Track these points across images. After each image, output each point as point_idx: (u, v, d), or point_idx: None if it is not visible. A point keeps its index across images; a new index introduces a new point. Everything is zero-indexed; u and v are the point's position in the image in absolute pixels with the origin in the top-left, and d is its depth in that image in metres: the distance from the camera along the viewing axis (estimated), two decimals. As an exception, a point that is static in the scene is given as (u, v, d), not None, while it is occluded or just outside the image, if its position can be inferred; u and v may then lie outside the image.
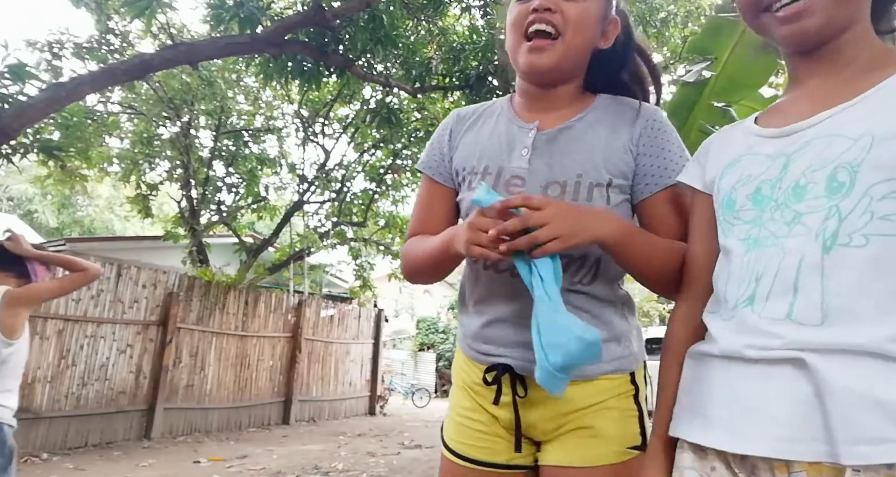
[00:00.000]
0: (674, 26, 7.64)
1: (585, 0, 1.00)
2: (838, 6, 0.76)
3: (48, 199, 19.62)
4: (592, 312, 1.02)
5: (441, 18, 6.94)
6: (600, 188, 0.99)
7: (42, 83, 4.84)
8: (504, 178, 1.03)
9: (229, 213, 9.66)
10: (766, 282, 0.73)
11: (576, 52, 1.01)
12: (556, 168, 1.01)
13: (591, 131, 1.03)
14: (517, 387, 1.01)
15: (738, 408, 0.73)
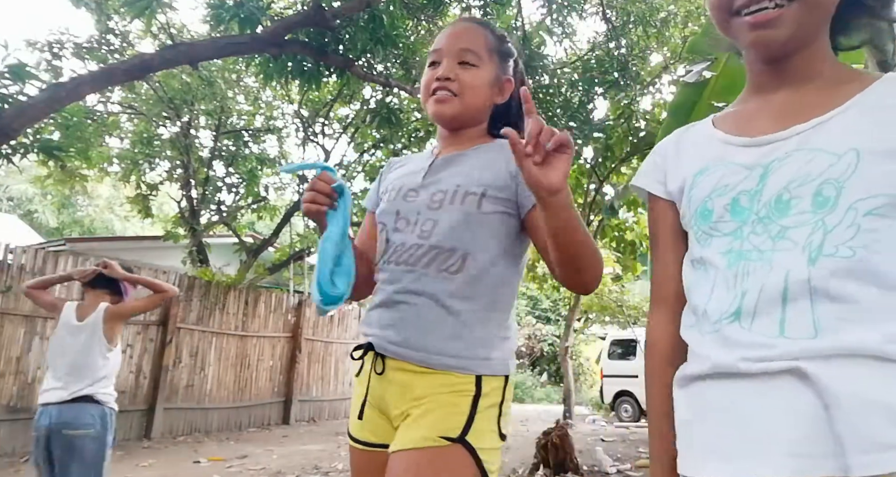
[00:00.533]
0: (674, 26, 7.64)
1: (478, 68, 1.25)
2: (807, 20, 0.76)
3: (48, 199, 19.63)
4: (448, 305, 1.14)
5: (441, 18, 6.94)
6: (473, 196, 1.18)
7: (42, 83, 4.84)
8: (403, 191, 1.26)
9: (229, 213, 9.66)
10: (751, 296, 0.72)
11: (471, 107, 1.26)
12: (442, 181, 1.23)
13: (475, 156, 1.26)
14: (376, 364, 1.18)
15: (742, 433, 0.69)
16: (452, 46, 1.25)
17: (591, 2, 7.48)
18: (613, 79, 7.16)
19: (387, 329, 1.18)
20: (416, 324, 1.15)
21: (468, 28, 1.30)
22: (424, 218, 1.19)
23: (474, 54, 1.25)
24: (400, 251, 1.20)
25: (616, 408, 11.90)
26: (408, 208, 1.22)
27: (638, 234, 10.20)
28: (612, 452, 6.11)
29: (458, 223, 1.16)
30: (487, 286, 1.17)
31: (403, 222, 1.22)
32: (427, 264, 1.16)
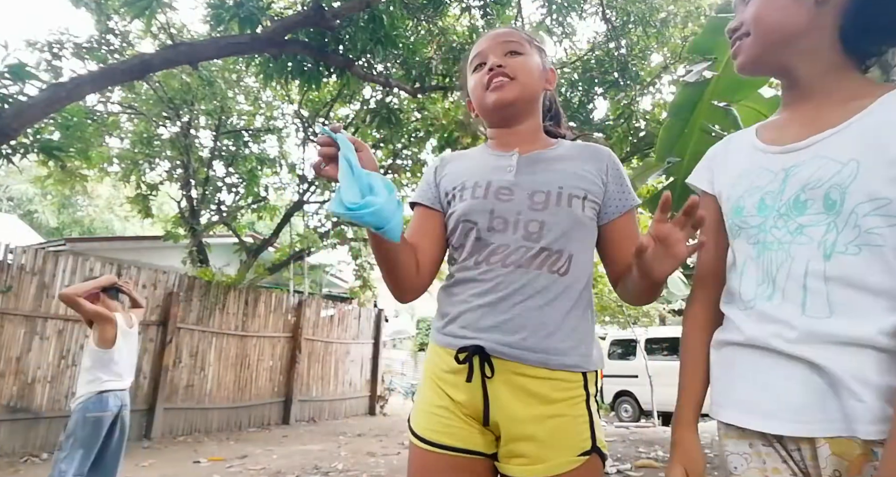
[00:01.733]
0: (674, 26, 7.63)
1: (525, 55, 1.27)
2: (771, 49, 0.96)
3: (48, 199, 19.62)
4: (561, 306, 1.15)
5: (441, 18, 6.94)
6: (578, 199, 1.18)
7: (42, 83, 4.84)
8: (492, 189, 1.20)
9: (229, 213, 9.65)
10: (779, 281, 0.89)
11: (528, 88, 1.26)
12: (540, 180, 1.20)
13: (564, 159, 1.24)
14: (485, 368, 1.12)
15: (768, 395, 0.88)
16: (494, 43, 1.27)
17: (591, 2, 7.48)
18: (613, 79, 7.16)
19: (497, 332, 1.12)
20: (534, 325, 1.12)
21: (503, 29, 1.33)
22: (527, 218, 1.16)
23: (517, 43, 1.27)
24: (505, 252, 1.15)
25: (616, 408, 11.90)
26: (504, 208, 1.17)
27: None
28: (612, 452, 6.10)
29: (567, 225, 1.16)
30: (587, 286, 1.21)
31: (501, 222, 1.17)
32: (540, 265, 1.14)
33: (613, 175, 1.24)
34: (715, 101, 3.82)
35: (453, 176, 1.28)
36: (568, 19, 7.25)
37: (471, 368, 1.12)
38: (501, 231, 1.16)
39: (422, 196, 1.31)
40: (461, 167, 1.29)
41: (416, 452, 1.18)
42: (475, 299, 1.16)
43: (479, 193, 1.20)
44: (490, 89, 1.23)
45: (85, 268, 6.60)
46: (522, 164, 1.23)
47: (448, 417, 1.15)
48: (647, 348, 11.33)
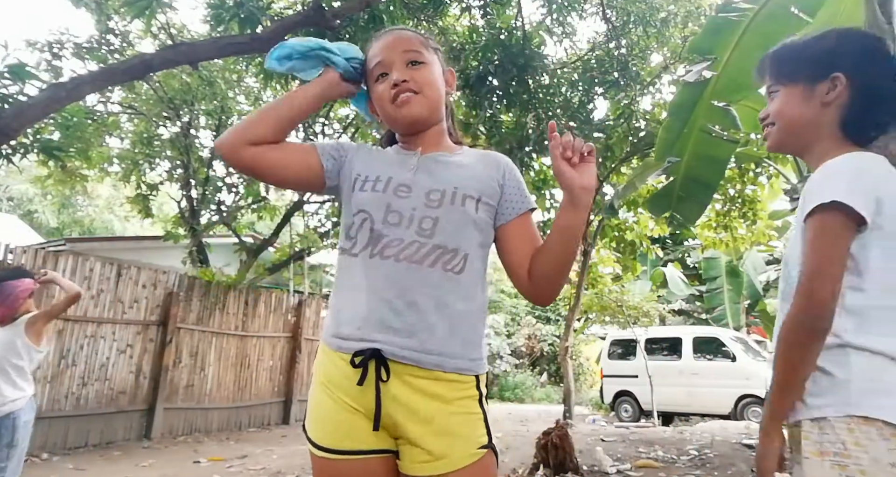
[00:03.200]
0: (674, 26, 7.63)
1: (426, 64, 1.28)
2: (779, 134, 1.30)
3: (48, 199, 19.62)
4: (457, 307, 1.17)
5: (441, 18, 6.94)
6: (472, 200, 1.21)
7: (42, 83, 4.84)
8: (392, 184, 1.23)
9: (229, 213, 9.65)
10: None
11: (434, 101, 1.28)
12: (437, 180, 1.23)
13: (463, 162, 1.29)
14: (381, 372, 1.12)
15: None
16: (395, 52, 1.27)
17: (591, 2, 7.47)
18: (613, 79, 7.15)
19: (394, 334, 1.12)
20: (429, 326, 1.13)
21: (399, 34, 1.32)
22: (422, 215, 1.18)
23: (417, 53, 1.28)
24: (398, 246, 1.16)
25: (616, 408, 11.90)
26: (401, 204, 1.19)
27: (638, 234, 10.20)
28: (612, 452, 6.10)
29: (459, 224, 1.19)
30: (482, 289, 1.24)
31: (396, 216, 1.18)
32: (433, 263, 1.16)
33: (510, 178, 1.29)
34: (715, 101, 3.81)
35: (362, 164, 1.29)
36: (568, 19, 7.24)
37: (364, 372, 1.11)
38: (396, 225, 1.18)
39: (322, 145, 1.31)
40: (371, 159, 1.31)
41: (321, 463, 1.16)
42: (369, 295, 1.15)
43: (380, 187, 1.23)
44: (396, 105, 1.25)
45: (85, 268, 6.60)
46: (423, 163, 1.26)
47: (347, 421, 1.14)
48: (647, 348, 11.33)
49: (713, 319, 13.74)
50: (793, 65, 1.27)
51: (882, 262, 1.07)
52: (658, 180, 5.82)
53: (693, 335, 11.28)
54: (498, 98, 6.55)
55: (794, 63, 1.27)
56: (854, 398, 1.03)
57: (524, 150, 6.74)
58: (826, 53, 1.24)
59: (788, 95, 1.26)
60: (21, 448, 2.94)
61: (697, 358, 10.93)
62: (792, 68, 1.27)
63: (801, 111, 1.24)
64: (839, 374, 1.06)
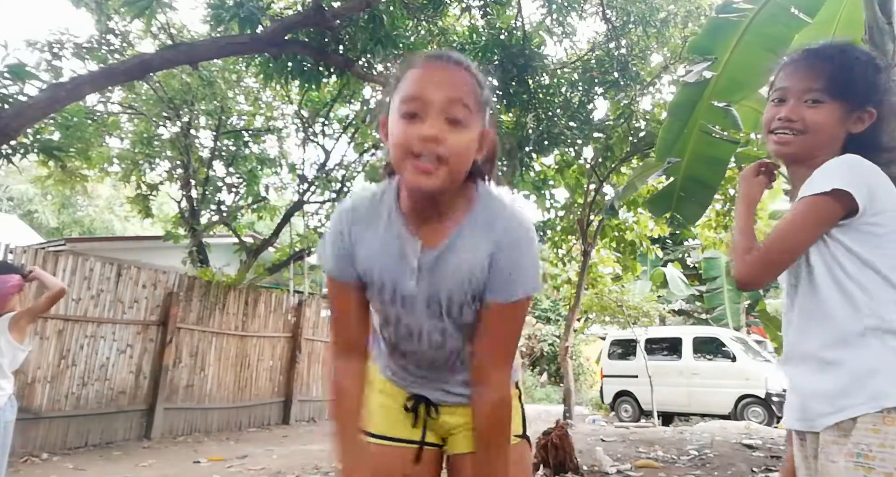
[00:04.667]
0: (674, 26, 7.63)
1: (467, 129, 1.07)
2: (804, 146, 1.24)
3: (48, 199, 19.62)
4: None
5: (441, 18, 6.94)
6: (467, 305, 1.17)
7: (42, 83, 4.84)
8: (398, 295, 1.18)
9: (229, 213, 9.65)
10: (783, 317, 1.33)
11: (458, 176, 1.09)
12: (434, 288, 1.16)
13: (461, 254, 1.14)
14: (431, 410, 1.30)
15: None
16: (438, 97, 1.05)
17: (591, 2, 7.47)
18: (613, 79, 7.15)
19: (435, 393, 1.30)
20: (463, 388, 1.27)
21: (455, 74, 1.09)
22: (429, 329, 1.20)
23: (465, 108, 1.06)
24: (416, 357, 1.26)
25: (616, 408, 11.90)
26: (409, 319, 1.20)
27: (638, 234, 10.20)
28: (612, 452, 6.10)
29: (465, 329, 1.21)
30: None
31: (406, 331, 1.22)
32: (453, 362, 1.25)
33: (502, 258, 1.13)
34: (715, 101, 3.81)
35: (364, 251, 1.18)
36: (568, 19, 7.24)
37: (416, 416, 1.30)
38: (408, 339, 1.22)
39: (336, 270, 1.20)
40: (370, 239, 1.17)
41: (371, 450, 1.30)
42: (406, 376, 1.31)
43: (387, 297, 1.18)
44: (415, 166, 1.05)
45: (85, 268, 6.60)
46: (424, 265, 1.15)
47: (388, 413, 1.31)
48: (647, 348, 11.33)
49: (713, 319, 13.73)
50: (852, 83, 1.21)
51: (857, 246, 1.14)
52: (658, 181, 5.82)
53: (693, 335, 11.28)
54: (498, 98, 6.55)
55: (853, 82, 1.21)
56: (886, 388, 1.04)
57: (524, 151, 6.74)
58: (874, 84, 1.22)
59: (833, 112, 1.21)
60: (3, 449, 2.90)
61: (697, 358, 10.93)
62: (849, 86, 1.21)
63: (834, 132, 1.22)
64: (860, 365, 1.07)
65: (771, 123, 1.26)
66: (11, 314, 3.03)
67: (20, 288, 3.07)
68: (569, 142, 7.33)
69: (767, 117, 1.28)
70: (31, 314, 3.13)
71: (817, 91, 1.21)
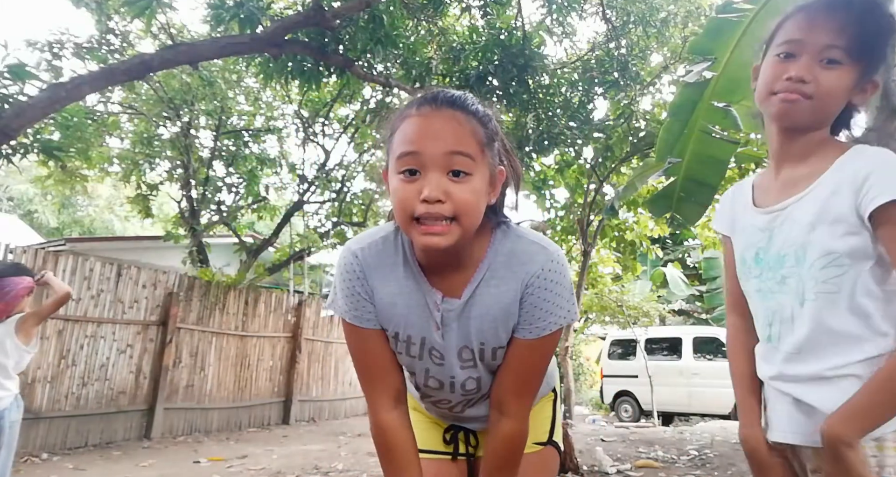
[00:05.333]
0: (674, 26, 7.62)
1: (473, 176, 0.99)
2: (813, 114, 1.04)
3: (48, 199, 19.61)
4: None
5: (441, 18, 6.93)
6: (501, 349, 1.13)
7: (42, 83, 4.85)
8: (426, 350, 1.14)
9: (229, 213, 9.65)
10: (776, 326, 1.08)
11: (470, 230, 1.02)
12: (464, 336, 1.12)
13: (487, 298, 1.08)
14: (470, 439, 1.33)
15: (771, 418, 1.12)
16: (436, 151, 0.97)
17: (591, 2, 7.47)
18: (613, 79, 7.15)
19: (469, 422, 1.31)
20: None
21: (451, 121, 0.99)
22: (462, 379, 1.17)
23: (467, 158, 0.98)
24: (448, 404, 1.25)
25: (616, 408, 11.90)
26: (438, 371, 1.17)
27: (638, 234, 10.20)
28: (612, 452, 6.10)
29: (495, 372, 1.18)
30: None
31: (436, 383, 1.19)
32: (482, 400, 1.24)
33: (531, 301, 1.07)
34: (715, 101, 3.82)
35: (385, 305, 1.11)
36: (568, 19, 7.25)
37: (455, 447, 1.32)
38: (438, 389, 1.21)
39: (357, 318, 1.12)
40: (388, 293, 1.11)
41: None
42: (442, 413, 1.32)
43: (415, 351, 1.14)
44: (421, 231, 0.97)
45: (85, 268, 6.60)
46: (448, 318, 1.10)
47: (425, 427, 1.33)
48: (647, 348, 11.33)
49: (713, 319, 13.69)
50: (877, 45, 1.02)
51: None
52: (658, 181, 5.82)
53: (693, 335, 11.29)
54: (498, 98, 6.55)
55: (879, 44, 1.02)
56: None
57: (524, 150, 6.74)
58: (891, 50, 1.05)
59: (849, 76, 1.02)
60: (9, 449, 2.92)
61: (697, 358, 10.93)
62: (874, 48, 1.02)
63: (843, 102, 1.05)
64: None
65: (775, 83, 1.04)
66: (19, 316, 3.04)
67: (30, 291, 3.08)
68: (569, 142, 7.33)
69: (770, 75, 1.05)
70: (38, 317, 3.13)
71: (838, 49, 1.00)
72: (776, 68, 1.05)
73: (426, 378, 1.18)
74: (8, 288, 2.97)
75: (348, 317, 1.12)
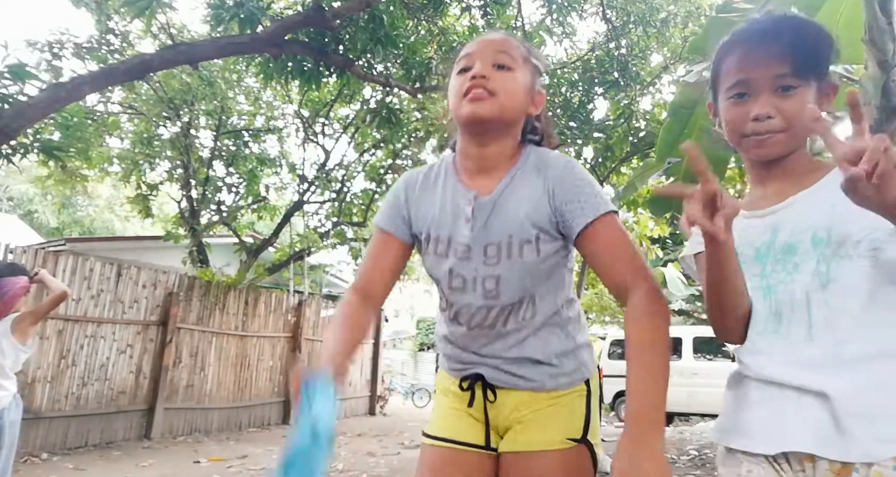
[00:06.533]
0: (674, 26, 7.63)
1: (514, 71, 1.18)
2: (790, 142, 1.04)
3: (48, 199, 19.62)
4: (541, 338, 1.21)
5: (441, 18, 6.94)
6: (529, 244, 1.15)
7: (42, 83, 4.84)
8: (453, 246, 1.21)
9: (229, 213, 9.65)
10: (786, 318, 0.99)
11: (508, 109, 1.16)
12: (492, 232, 1.17)
13: (517, 193, 1.18)
14: (487, 392, 1.23)
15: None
16: (485, 49, 1.19)
17: (591, 2, 7.48)
18: (613, 79, 7.16)
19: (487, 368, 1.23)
20: (515, 364, 1.21)
21: (500, 35, 1.24)
22: (483, 275, 1.17)
23: (509, 56, 1.18)
24: (468, 313, 1.21)
25: (616, 408, 11.90)
26: (462, 266, 1.19)
27: (638, 234, 10.20)
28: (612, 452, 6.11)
29: (521, 276, 1.16)
30: (564, 307, 1.24)
31: (460, 281, 1.20)
32: (504, 321, 1.19)
33: (561, 193, 1.14)
34: (715, 101, 3.77)
35: (421, 212, 1.25)
36: (568, 19, 7.25)
37: (472, 395, 1.24)
38: (461, 290, 1.20)
39: (385, 221, 1.29)
40: (427, 202, 1.25)
41: (426, 450, 1.27)
42: (459, 350, 1.27)
43: (441, 249, 1.22)
44: (468, 99, 1.14)
45: (85, 268, 6.60)
46: (479, 212, 1.18)
47: (455, 415, 1.25)
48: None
49: (713, 319, 13.74)
50: (818, 56, 1.03)
51: None
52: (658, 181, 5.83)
53: (693, 335, 11.28)
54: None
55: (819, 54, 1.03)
56: None
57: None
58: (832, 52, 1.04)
59: (807, 95, 1.02)
60: (9, 449, 2.90)
61: (697, 358, 10.93)
62: (818, 60, 1.03)
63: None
64: None
65: (743, 126, 1.04)
66: (15, 315, 3.04)
67: (27, 290, 3.07)
68: (569, 142, 7.33)
69: (735, 119, 1.06)
70: (35, 316, 3.12)
71: (787, 76, 1.01)
72: (737, 111, 1.06)
73: (451, 278, 1.20)
74: (4, 288, 2.97)
75: (379, 221, 1.30)
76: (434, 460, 1.24)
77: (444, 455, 1.23)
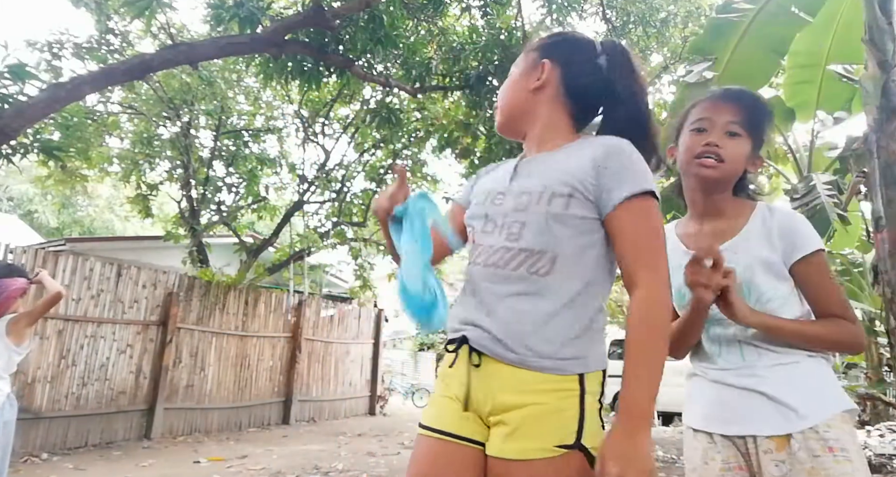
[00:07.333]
0: (674, 26, 7.63)
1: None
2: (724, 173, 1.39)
3: (48, 199, 19.62)
4: (541, 307, 1.14)
5: (441, 18, 6.94)
6: (561, 197, 1.16)
7: (42, 83, 4.84)
8: (491, 195, 1.28)
9: (229, 214, 9.65)
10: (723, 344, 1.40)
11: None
12: (529, 182, 1.23)
13: (561, 154, 1.24)
14: (473, 356, 1.17)
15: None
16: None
17: (591, 2, 7.48)
18: (613, 79, 7.14)
19: (476, 328, 1.17)
20: (506, 324, 1.14)
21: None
22: (511, 220, 1.20)
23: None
24: (487, 253, 1.21)
25: (616, 408, 11.87)
26: (495, 211, 1.23)
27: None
28: (612, 452, 6.10)
29: (545, 224, 1.15)
30: (587, 287, 1.16)
31: (491, 225, 1.23)
32: (517, 266, 1.16)
33: (605, 165, 1.15)
34: (715, 101, 3.77)
35: (479, 186, 1.38)
36: (568, 19, 7.25)
37: (456, 357, 1.19)
38: (489, 233, 1.23)
39: (457, 195, 1.50)
40: (488, 177, 1.38)
41: (419, 440, 1.24)
42: (462, 296, 1.26)
43: (480, 199, 1.29)
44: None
45: (85, 268, 6.60)
46: (521, 167, 1.29)
47: (443, 404, 1.21)
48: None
49: (713, 319, 13.74)
50: (761, 125, 1.42)
51: None
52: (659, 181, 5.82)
53: (693, 335, 11.28)
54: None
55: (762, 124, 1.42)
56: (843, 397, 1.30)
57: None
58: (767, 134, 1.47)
59: (746, 146, 1.39)
60: (3, 449, 2.89)
61: (697, 358, 10.93)
62: (759, 126, 1.41)
63: (742, 167, 1.40)
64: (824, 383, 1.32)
65: (696, 149, 1.38)
66: (11, 316, 3.03)
67: (24, 291, 3.07)
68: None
69: (691, 144, 1.40)
70: (30, 317, 3.12)
71: (737, 124, 1.37)
72: (694, 139, 1.40)
73: (484, 224, 1.25)
74: (0, 289, 2.96)
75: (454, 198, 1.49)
76: (423, 451, 1.21)
77: (433, 446, 1.19)
